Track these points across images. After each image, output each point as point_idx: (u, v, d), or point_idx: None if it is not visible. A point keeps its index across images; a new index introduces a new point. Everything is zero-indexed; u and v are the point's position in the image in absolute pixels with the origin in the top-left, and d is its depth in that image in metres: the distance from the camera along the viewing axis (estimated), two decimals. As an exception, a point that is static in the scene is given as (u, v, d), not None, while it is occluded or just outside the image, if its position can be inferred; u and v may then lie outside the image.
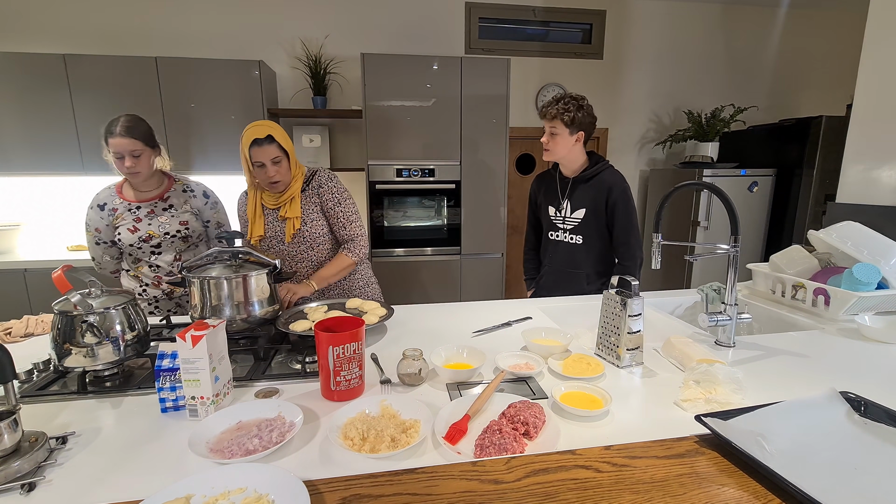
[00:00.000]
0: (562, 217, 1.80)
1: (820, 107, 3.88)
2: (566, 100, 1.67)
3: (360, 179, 3.45)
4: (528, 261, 2.03)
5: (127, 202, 1.65)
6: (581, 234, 1.77)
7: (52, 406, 0.93)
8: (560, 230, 1.82)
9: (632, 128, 3.84)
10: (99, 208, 1.65)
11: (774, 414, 0.79)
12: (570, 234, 1.79)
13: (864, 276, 1.35)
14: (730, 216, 1.18)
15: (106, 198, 1.65)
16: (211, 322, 0.90)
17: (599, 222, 1.75)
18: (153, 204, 1.66)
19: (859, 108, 1.98)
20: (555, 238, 1.85)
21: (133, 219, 1.63)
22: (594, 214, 1.74)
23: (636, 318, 1.09)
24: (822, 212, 3.12)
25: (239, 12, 3.13)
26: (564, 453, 0.73)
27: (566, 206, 1.79)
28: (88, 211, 1.66)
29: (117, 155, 1.55)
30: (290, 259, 1.67)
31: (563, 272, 1.83)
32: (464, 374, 1.03)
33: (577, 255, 1.79)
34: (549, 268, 1.88)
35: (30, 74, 2.66)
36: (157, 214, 1.65)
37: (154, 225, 1.64)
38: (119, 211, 1.64)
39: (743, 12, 3.76)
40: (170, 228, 1.66)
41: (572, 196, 1.77)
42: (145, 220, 1.64)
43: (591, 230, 1.76)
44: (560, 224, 1.82)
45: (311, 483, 0.66)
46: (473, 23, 3.44)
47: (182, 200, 1.70)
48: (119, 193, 1.66)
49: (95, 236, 1.67)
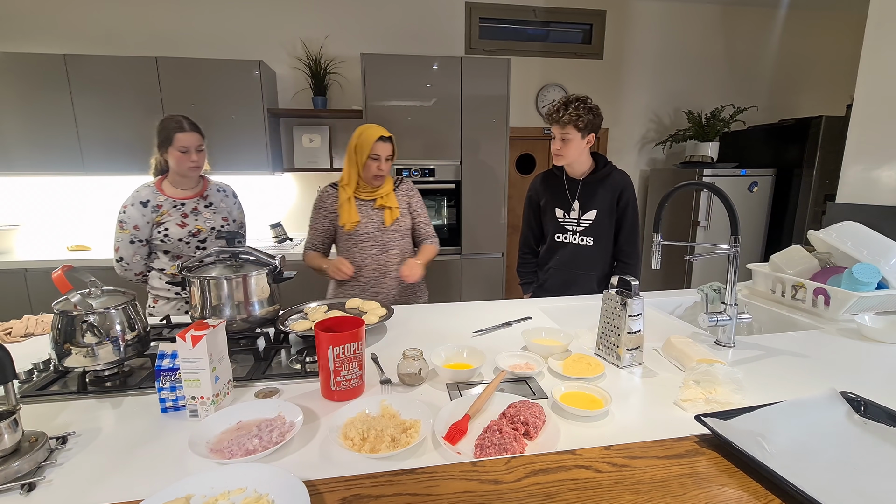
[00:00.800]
0: (573, 219, 1.79)
1: (820, 107, 3.88)
2: (576, 104, 1.64)
3: (360, 179, 3.46)
4: (524, 264, 1.98)
5: (172, 199, 1.69)
6: (592, 236, 1.77)
7: (52, 406, 0.93)
8: (569, 232, 1.81)
9: (632, 128, 3.84)
10: (142, 205, 1.65)
11: (774, 414, 0.79)
12: (581, 236, 1.78)
13: (864, 276, 1.35)
14: (730, 216, 1.18)
15: (148, 195, 1.67)
16: (211, 322, 0.90)
17: (610, 223, 1.76)
18: (196, 201, 1.74)
19: (859, 109, 1.98)
20: (562, 240, 1.83)
21: (180, 214, 1.69)
22: (607, 216, 1.75)
23: (636, 318, 1.09)
24: (822, 212, 3.12)
25: (239, 12, 3.13)
26: (564, 453, 0.73)
27: (576, 207, 1.78)
28: (128, 209, 1.65)
29: (183, 149, 1.62)
30: (384, 245, 1.79)
31: (572, 274, 1.82)
32: (464, 374, 1.03)
33: (588, 256, 1.79)
34: (555, 270, 1.86)
35: (30, 74, 2.66)
36: (200, 211, 1.74)
37: (200, 220, 1.73)
38: (164, 207, 1.68)
39: (743, 13, 3.76)
40: (214, 224, 1.76)
41: (582, 197, 1.77)
42: (192, 216, 1.71)
43: (602, 231, 1.76)
44: (570, 226, 1.80)
45: (311, 483, 0.66)
46: (474, 23, 3.44)
47: (219, 199, 1.81)
48: (161, 191, 1.69)
49: (132, 234, 1.66)
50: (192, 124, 1.66)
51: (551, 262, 1.88)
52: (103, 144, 2.77)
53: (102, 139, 2.77)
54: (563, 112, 1.64)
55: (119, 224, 1.67)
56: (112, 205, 3.19)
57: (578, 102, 1.64)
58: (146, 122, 2.78)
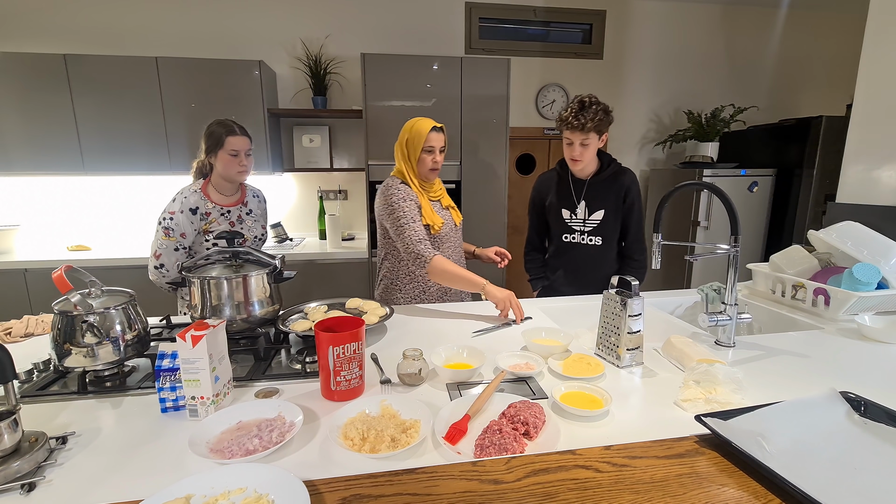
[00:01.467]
0: (580, 219, 1.78)
1: (820, 107, 3.88)
2: (594, 108, 1.59)
3: (360, 179, 3.45)
4: (531, 261, 1.98)
5: (219, 206, 1.66)
6: (600, 236, 1.76)
7: (52, 406, 0.93)
8: (577, 232, 1.79)
9: (632, 128, 3.83)
10: (191, 212, 1.60)
11: (774, 414, 0.79)
12: (589, 236, 1.77)
13: (864, 276, 1.35)
14: (730, 216, 1.18)
15: (196, 202, 1.62)
16: (211, 322, 0.90)
17: (617, 222, 1.75)
18: (239, 208, 1.72)
19: (859, 109, 1.98)
20: (570, 240, 1.81)
21: (227, 223, 1.67)
22: (614, 214, 1.74)
23: (636, 318, 1.09)
24: (822, 212, 3.12)
25: (239, 12, 3.13)
26: (564, 453, 0.73)
27: (583, 207, 1.77)
28: (175, 215, 1.58)
29: (233, 153, 1.59)
30: (456, 244, 1.74)
31: (581, 275, 1.80)
32: (464, 374, 1.03)
33: (597, 256, 1.78)
34: (563, 271, 1.85)
35: (30, 74, 2.65)
36: (243, 219, 1.72)
37: (245, 228, 1.71)
38: (213, 215, 1.64)
39: (743, 13, 3.76)
40: (255, 232, 1.74)
41: (589, 197, 1.75)
42: (237, 225, 1.70)
43: (611, 231, 1.75)
44: (577, 226, 1.79)
45: (311, 483, 0.66)
46: (474, 23, 3.43)
47: (256, 205, 1.78)
48: (208, 197, 1.65)
49: (178, 242, 1.59)
50: (242, 128, 1.63)
51: (560, 264, 1.86)
52: (103, 144, 2.77)
53: (102, 139, 2.77)
54: (584, 119, 1.58)
55: (164, 231, 1.59)
56: (112, 205, 3.19)
57: (595, 106, 1.59)
58: (146, 122, 2.79)
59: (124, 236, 3.24)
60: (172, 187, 3.19)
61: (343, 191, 3.47)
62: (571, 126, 1.62)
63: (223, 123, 1.61)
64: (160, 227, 1.60)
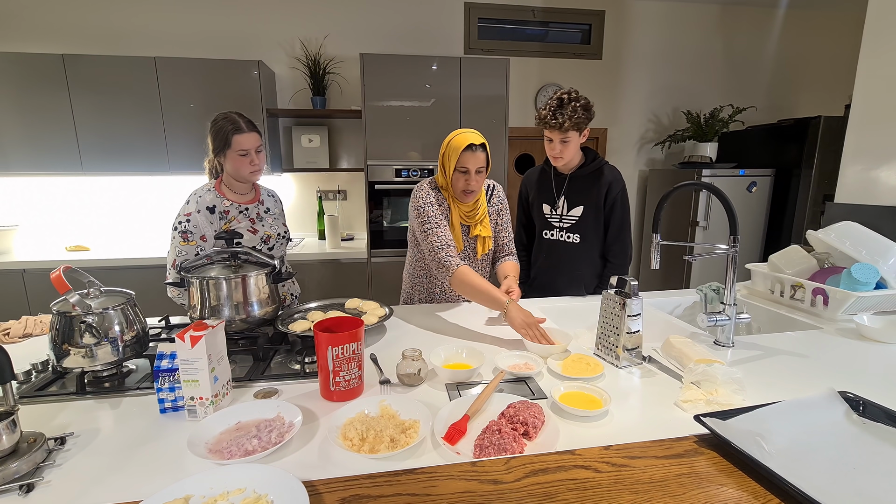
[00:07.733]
0: (558, 215, 1.75)
1: (818, 107, 3.88)
2: (572, 105, 1.56)
3: (359, 179, 3.45)
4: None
5: (237, 204, 1.54)
6: (579, 233, 1.73)
7: (51, 407, 0.93)
8: (556, 228, 1.77)
9: (631, 128, 3.84)
10: (209, 212, 1.47)
11: (773, 414, 0.79)
12: (567, 233, 1.74)
13: (863, 276, 1.35)
14: (729, 216, 1.18)
15: (213, 200, 1.49)
16: (210, 322, 0.90)
17: (598, 220, 1.71)
18: (256, 206, 1.60)
19: (857, 109, 1.99)
20: (549, 237, 1.79)
21: (248, 220, 1.55)
22: (593, 211, 1.70)
23: (635, 318, 1.09)
24: (821, 212, 3.12)
25: (238, 12, 3.13)
26: (564, 453, 0.73)
27: (562, 203, 1.74)
28: (192, 216, 1.44)
29: (243, 153, 1.46)
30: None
31: (559, 272, 1.78)
32: (463, 375, 1.03)
33: (574, 254, 1.74)
34: (543, 268, 1.82)
35: (29, 74, 2.65)
36: (262, 217, 1.60)
37: (266, 226, 1.60)
38: (231, 213, 1.52)
39: (741, 13, 3.76)
40: (277, 229, 1.64)
41: (569, 193, 1.72)
42: (258, 222, 1.58)
43: (590, 228, 1.72)
44: (556, 222, 1.76)
45: (310, 483, 0.66)
46: (473, 23, 3.43)
47: (272, 203, 1.68)
48: (223, 195, 1.52)
49: (199, 246, 1.44)
50: (249, 122, 1.48)
51: (539, 261, 1.84)
52: (102, 144, 2.77)
53: (101, 139, 2.76)
54: (562, 117, 1.56)
55: (182, 235, 1.43)
56: (111, 205, 3.19)
57: (574, 103, 1.56)
58: (145, 122, 2.78)
59: (123, 236, 3.24)
60: (171, 187, 3.22)
61: (342, 191, 3.47)
62: (549, 125, 1.61)
63: (229, 118, 1.48)
64: (176, 232, 1.44)
